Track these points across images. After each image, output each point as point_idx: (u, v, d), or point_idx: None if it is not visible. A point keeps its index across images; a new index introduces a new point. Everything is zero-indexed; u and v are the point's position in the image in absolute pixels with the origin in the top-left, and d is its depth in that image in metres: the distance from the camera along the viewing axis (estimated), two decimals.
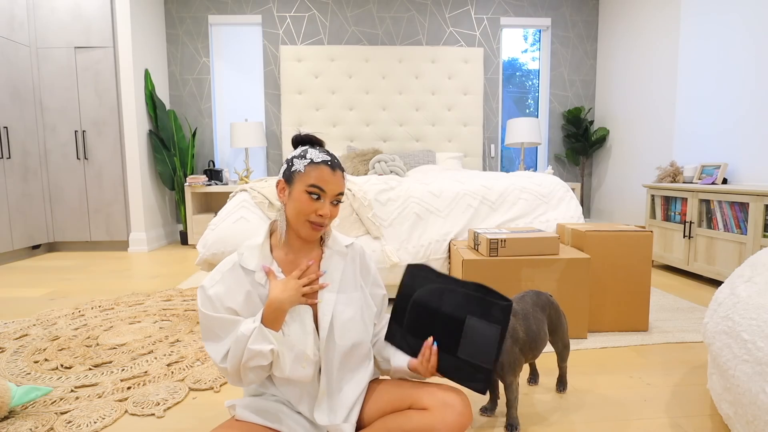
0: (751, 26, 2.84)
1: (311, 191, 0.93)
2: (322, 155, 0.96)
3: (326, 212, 0.95)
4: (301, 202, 0.94)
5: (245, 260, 0.97)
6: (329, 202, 0.96)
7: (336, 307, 0.98)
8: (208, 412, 1.31)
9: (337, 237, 1.06)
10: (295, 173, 0.95)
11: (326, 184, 0.94)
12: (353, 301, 1.01)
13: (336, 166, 0.96)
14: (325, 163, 0.95)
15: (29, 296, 2.54)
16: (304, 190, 0.94)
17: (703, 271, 2.72)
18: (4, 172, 3.35)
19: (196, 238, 4.05)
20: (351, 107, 4.40)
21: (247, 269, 0.96)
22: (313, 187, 0.93)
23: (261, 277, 0.96)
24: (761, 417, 0.93)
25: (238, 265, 0.96)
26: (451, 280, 1.00)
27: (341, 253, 1.04)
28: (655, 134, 3.77)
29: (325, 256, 1.02)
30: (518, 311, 1.23)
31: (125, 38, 3.74)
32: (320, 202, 0.94)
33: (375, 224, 2.17)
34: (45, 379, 1.50)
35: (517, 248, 1.80)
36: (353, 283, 1.03)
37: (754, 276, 1.16)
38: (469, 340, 0.95)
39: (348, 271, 1.03)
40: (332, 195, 0.96)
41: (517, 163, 4.86)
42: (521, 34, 4.78)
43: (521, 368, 1.20)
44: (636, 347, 1.78)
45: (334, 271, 1.01)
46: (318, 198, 0.94)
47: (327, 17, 4.41)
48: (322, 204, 0.95)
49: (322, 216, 0.95)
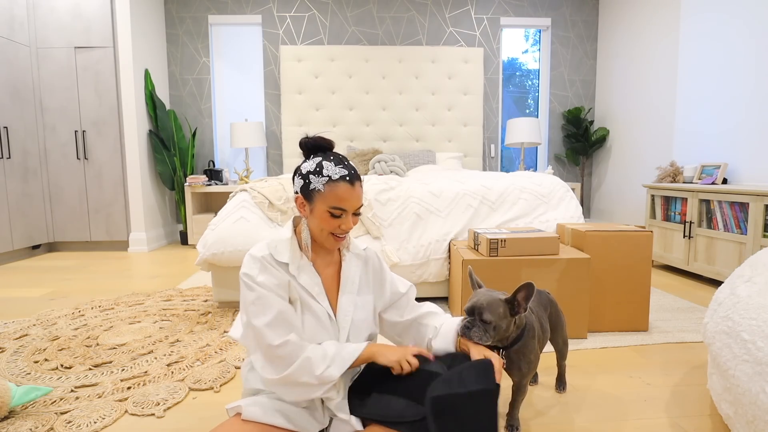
0: (751, 26, 2.84)
1: (333, 212, 0.94)
2: (340, 170, 0.94)
3: (349, 226, 0.97)
4: (323, 220, 0.95)
5: (278, 252, 0.99)
6: (351, 213, 0.97)
7: (354, 310, 1.03)
8: (208, 412, 1.31)
9: (354, 241, 1.10)
10: (315, 192, 0.94)
11: (347, 203, 0.94)
12: (367, 303, 1.06)
13: (354, 179, 0.96)
14: (344, 179, 0.94)
15: (29, 296, 2.54)
16: (326, 210, 0.94)
17: (703, 271, 2.72)
18: (4, 172, 3.35)
19: (196, 238, 4.05)
20: (351, 107, 4.39)
21: (280, 262, 0.98)
22: (336, 208, 0.94)
23: (295, 269, 0.98)
24: (761, 417, 0.93)
25: (269, 257, 0.98)
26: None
27: (360, 256, 1.08)
28: (655, 134, 3.77)
29: (345, 259, 1.06)
30: (533, 309, 1.23)
31: (125, 38, 3.74)
32: (342, 218, 0.96)
33: (375, 224, 2.17)
34: (45, 379, 1.50)
35: (517, 248, 1.80)
36: (367, 287, 1.08)
37: (754, 276, 1.16)
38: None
39: (365, 274, 1.08)
40: (354, 209, 0.97)
41: (517, 163, 4.86)
42: (521, 34, 4.78)
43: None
44: (636, 347, 1.78)
45: (354, 274, 1.05)
46: (340, 216, 0.95)
47: (327, 17, 4.41)
48: (345, 220, 0.96)
49: (345, 230, 0.97)
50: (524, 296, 1.05)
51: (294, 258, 0.99)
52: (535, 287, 1.05)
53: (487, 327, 1.04)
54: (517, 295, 1.05)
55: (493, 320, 1.04)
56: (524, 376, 1.15)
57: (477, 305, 1.06)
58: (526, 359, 1.13)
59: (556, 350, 1.40)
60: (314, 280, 1.00)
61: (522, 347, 1.12)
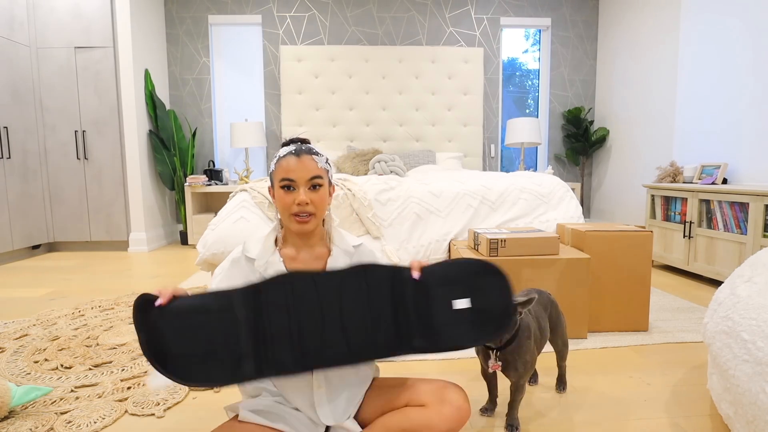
0: (751, 26, 2.83)
1: (283, 185, 0.95)
2: (288, 147, 0.97)
3: (303, 199, 0.94)
4: (279, 198, 0.96)
5: (248, 248, 1.00)
6: (305, 189, 0.95)
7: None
8: (208, 412, 1.31)
9: (345, 236, 1.06)
10: (272, 174, 0.99)
11: (293, 173, 0.95)
12: None
13: (301, 152, 0.96)
14: (290, 153, 0.96)
15: (29, 296, 2.54)
16: (278, 186, 0.96)
17: (703, 271, 2.72)
18: (4, 172, 3.35)
19: (196, 238, 4.04)
20: (351, 107, 4.40)
21: (249, 257, 0.99)
22: (283, 180, 0.95)
23: (260, 265, 0.98)
24: (761, 417, 0.93)
25: (242, 257, 0.99)
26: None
27: (348, 252, 1.04)
28: (655, 134, 3.77)
29: (332, 254, 1.03)
30: (530, 310, 1.23)
31: (125, 38, 3.74)
32: (295, 192, 0.95)
33: (375, 224, 2.17)
34: (45, 379, 1.50)
35: (517, 248, 1.80)
36: None
37: (754, 276, 1.16)
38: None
39: None
40: (304, 181, 0.95)
41: (517, 163, 4.86)
42: (521, 34, 4.78)
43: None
44: (636, 347, 1.78)
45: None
46: (291, 188, 0.95)
47: (327, 17, 4.41)
48: (297, 193, 0.95)
49: (300, 205, 0.94)
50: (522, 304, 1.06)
51: (264, 253, 0.99)
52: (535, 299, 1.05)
53: None
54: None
55: None
56: (521, 376, 1.15)
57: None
58: (521, 359, 1.13)
59: (555, 351, 1.40)
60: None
61: (517, 348, 1.12)
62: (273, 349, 0.84)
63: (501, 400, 1.34)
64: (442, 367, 1.61)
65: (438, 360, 1.66)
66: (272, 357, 0.84)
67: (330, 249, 1.03)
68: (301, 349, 0.85)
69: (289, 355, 0.84)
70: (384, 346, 0.88)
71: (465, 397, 0.95)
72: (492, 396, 1.29)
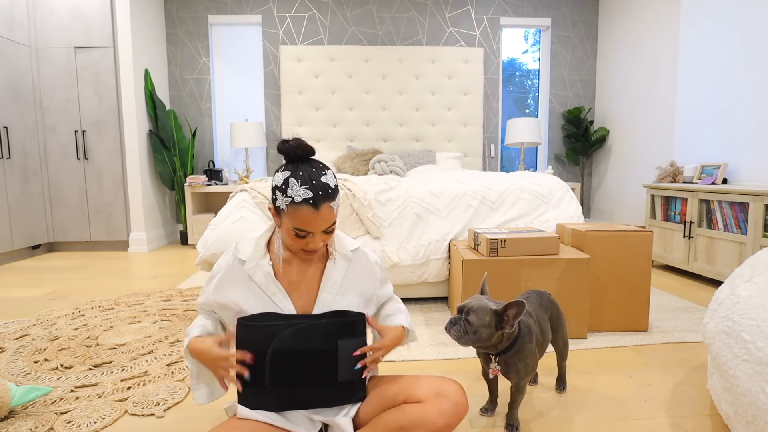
0: (751, 26, 2.83)
1: (298, 234, 0.92)
2: (304, 191, 0.88)
3: (316, 246, 0.94)
4: (290, 238, 0.93)
5: (239, 249, 1.00)
6: (320, 234, 0.93)
7: (332, 307, 0.99)
8: (208, 412, 1.31)
9: (344, 240, 1.05)
10: (280, 210, 0.92)
11: (311, 226, 0.90)
12: (351, 305, 1.01)
13: (319, 202, 0.89)
14: (307, 202, 0.88)
15: (29, 296, 2.54)
16: (291, 228, 0.92)
17: (703, 271, 2.72)
18: (4, 172, 3.35)
19: (196, 238, 4.05)
20: (351, 107, 4.40)
21: (240, 259, 0.99)
22: (298, 230, 0.91)
23: (250, 268, 0.98)
24: (761, 417, 0.93)
25: (235, 259, 0.99)
26: (302, 317, 0.96)
27: (346, 257, 1.03)
28: (655, 134, 3.77)
29: (331, 258, 1.02)
30: (532, 313, 1.23)
31: (125, 38, 3.74)
32: (308, 238, 0.93)
33: (375, 224, 2.17)
34: (45, 379, 1.50)
35: (517, 248, 1.80)
36: (354, 288, 1.03)
37: (754, 276, 1.16)
38: (345, 362, 0.95)
39: (351, 275, 1.03)
40: (320, 231, 0.92)
41: (517, 163, 4.86)
42: (521, 34, 4.78)
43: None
44: (636, 347, 1.78)
45: (338, 274, 1.01)
46: (305, 237, 0.92)
47: (327, 17, 4.41)
48: (311, 239, 0.93)
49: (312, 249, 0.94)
50: (513, 314, 1.05)
51: (255, 256, 0.98)
52: (525, 307, 1.04)
53: (468, 328, 1.07)
54: (507, 310, 1.06)
55: (477, 324, 1.06)
56: (522, 378, 1.15)
57: (467, 306, 1.09)
58: (522, 363, 1.14)
59: (556, 351, 1.40)
60: (269, 280, 0.97)
61: (517, 352, 1.13)
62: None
63: (501, 400, 1.35)
64: (442, 367, 1.61)
65: (438, 360, 1.66)
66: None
67: (329, 253, 1.03)
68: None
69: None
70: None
71: (462, 392, 0.94)
72: (492, 396, 1.29)
